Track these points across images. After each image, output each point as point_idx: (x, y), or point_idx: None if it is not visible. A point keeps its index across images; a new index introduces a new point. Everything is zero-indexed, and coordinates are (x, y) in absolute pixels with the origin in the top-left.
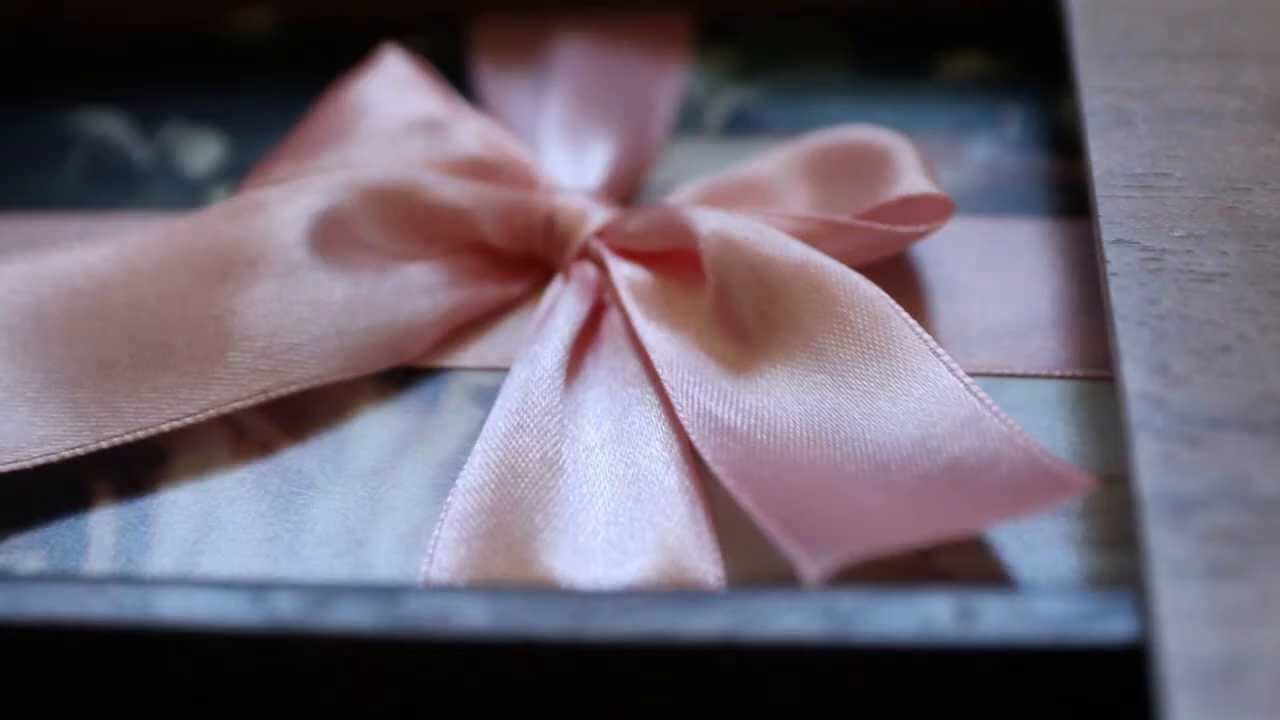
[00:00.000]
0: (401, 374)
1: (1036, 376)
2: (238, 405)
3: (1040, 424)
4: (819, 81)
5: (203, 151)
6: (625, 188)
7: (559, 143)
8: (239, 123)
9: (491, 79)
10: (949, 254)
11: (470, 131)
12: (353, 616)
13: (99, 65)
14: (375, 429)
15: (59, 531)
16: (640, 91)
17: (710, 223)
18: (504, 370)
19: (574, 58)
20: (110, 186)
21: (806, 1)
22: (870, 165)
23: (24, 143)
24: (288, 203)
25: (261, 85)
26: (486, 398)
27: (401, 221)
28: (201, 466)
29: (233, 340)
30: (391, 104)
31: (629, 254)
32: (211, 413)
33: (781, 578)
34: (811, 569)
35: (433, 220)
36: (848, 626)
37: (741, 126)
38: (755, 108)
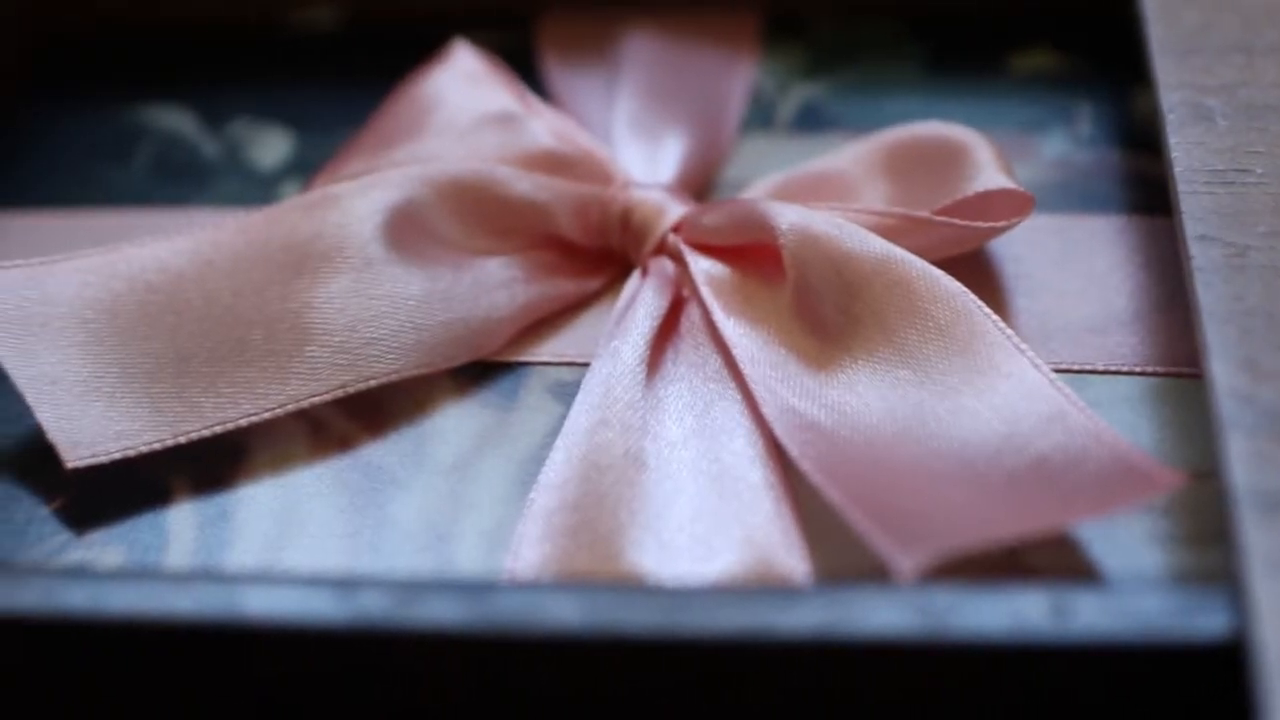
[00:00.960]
0: (478, 369)
1: (1117, 373)
2: (316, 400)
3: (1122, 420)
4: (888, 78)
5: (272, 146)
6: (698, 183)
7: (632, 138)
8: (306, 118)
9: (560, 75)
10: (1025, 250)
11: (543, 126)
12: (442, 613)
13: (162, 61)
14: (454, 424)
15: (137, 527)
16: (711, 87)
17: (790, 217)
18: (581, 365)
19: (644, 54)
20: (179, 181)
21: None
22: (947, 161)
23: (90, 137)
24: (363, 197)
25: (326, 81)
26: (565, 393)
27: (477, 216)
28: (280, 462)
29: (310, 335)
30: (464, 98)
31: (707, 249)
32: (290, 408)
33: (866, 574)
34: (905, 564)
35: (508, 214)
36: (941, 623)
37: (811, 122)
38: (825, 104)
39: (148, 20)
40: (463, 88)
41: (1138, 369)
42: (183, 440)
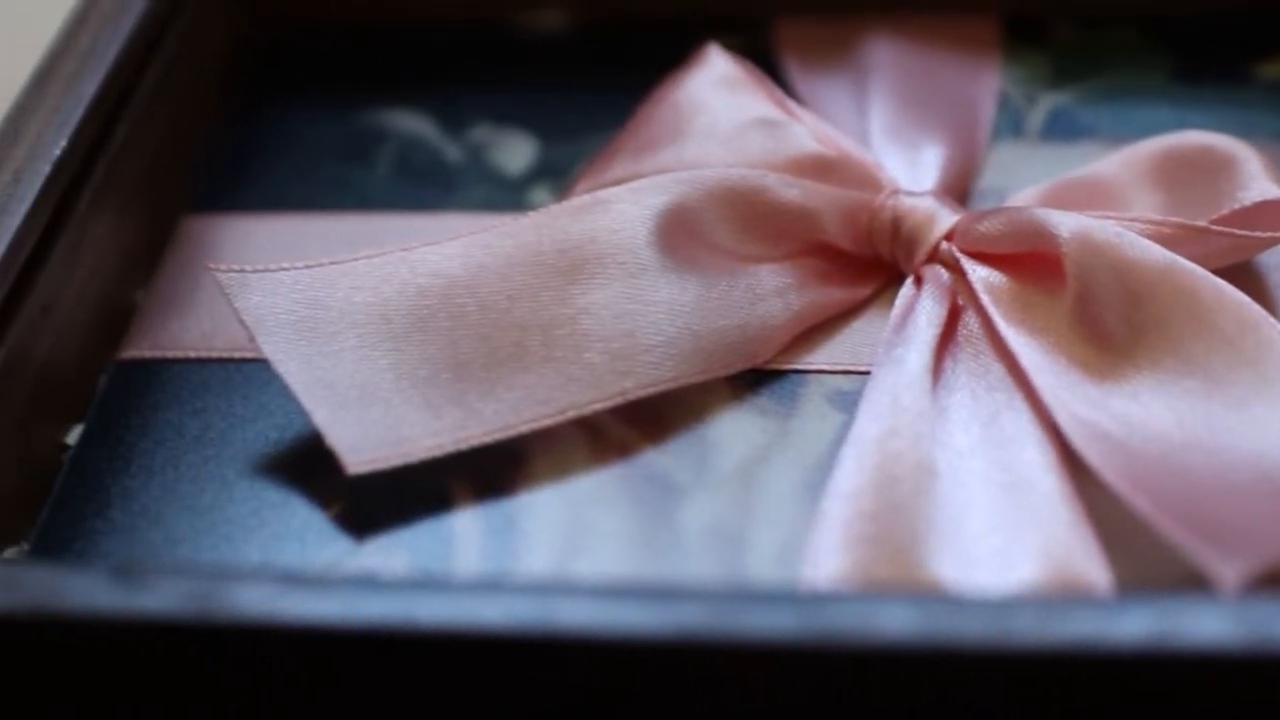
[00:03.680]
0: (753, 376)
1: None
2: (597, 407)
3: None
4: (1135, 86)
5: (517, 151)
6: (957, 191)
7: (890, 145)
8: (548, 123)
9: (804, 81)
10: None
11: (806, 130)
12: (769, 623)
13: (392, 63)
14: (734, 432)
15: (419, 534)
16: (961, 94)
17: (1071, 225)
18: (857, 373)
19: (890, 60)
20: (424, 186)
21: (1114, 6)
22: (1217, 171)
23: (329, 141)
24: (634, 202)
25: (563, 85)
26: (845, 401)
27: (748, 222)
28: (561, 469)
29: (588, 341)
30: (724, 102)
31: (983, 257)
32: (571, 414)
33: (1168, 583)
34: (1228, 575)
35: (778, 221)
36: (1268, 633)
37: (1063, 131)
38: (1074, 112)
39: (373, 22)
40: (721, 92)
41: None
42: (463, 446)
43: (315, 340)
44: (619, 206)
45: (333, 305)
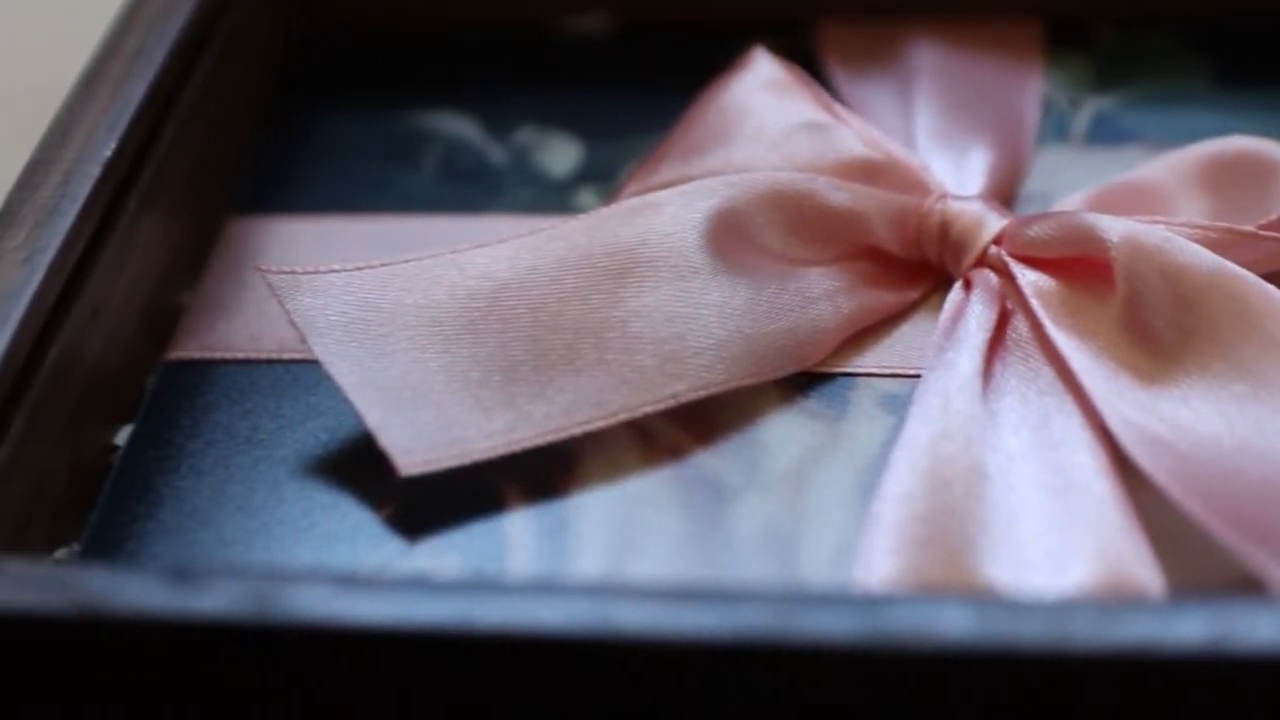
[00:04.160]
0: (803, 379)
1: None
2: (649, 409)
3: None
4: (1178, 90)
5: (562, 154)
6: (1004, 195)
7: (936, 149)
8: (592, 126)
9: (847, 84)
10: None
11: (854, 134)
12: (831, 626)
13: (434, 66)
14: (785, 434)
15: (471, 535)
16: (1006, 98)
17: (1120, 230)
18: (906, 377)
19: (934, 64)
20: (469, 188)
21: (1154, 8)
22: (1263, 175)
23: (373, 142)
24: (685, 205)
25: (606, 88)
26: (895, 404)
27: (797, 225)
28: (612, 471)
29: (640, 343)
30: (771, 106)
31: (1032, 261)
32: (623, 416)
33: (1219, 587)
34: None
35: (828, 224)
36: None
37: (1107, 135)
38: (1117, 116)
39: (416, 25)
40: (768, 95)
41: None
42: (515, 448)
43: (366, 342)
44: (670, 209)
45: (383, 307)
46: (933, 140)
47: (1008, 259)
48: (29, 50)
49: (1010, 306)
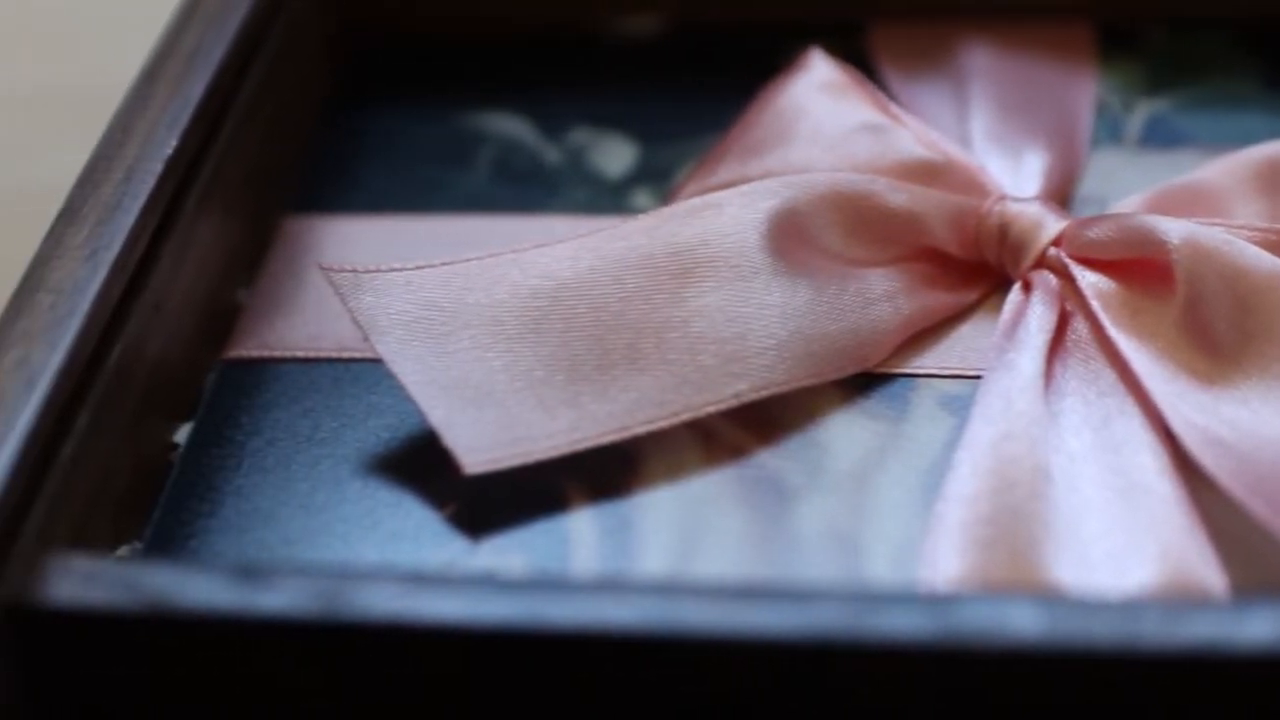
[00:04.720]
0: (863, 380)
1: None
2: (711, 409)
3: None
4: (1230, 93)
5: (616, 154)
6: (1060, 197)
7: (993, 151)
8: (645, 127)
9: (900, 86)
10: None
11: (911, 135)
12: (904, 625)
13: (485, 66)
14: (847, 435)
15: (535, 534)
16: (1060, 101)
17: (1180, 231)
18: (966, 378)
19: (988, 66)
20: (524, 188)
21: (1207, 12)
22: None
23: (427, 143)
24: (745, 205)
25: (659, 89)
26: (956, 405)
27: (856, 226)
28: (674, 470)
29: (702, 343)
30: (827, 107)
31: (1091, 263)
32: (685, 416)
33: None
34: None
35: (887, 225)
36: None
37: (1161, 137)
38: (1171, 119)
39: (468, 25)
40: (825, 96)
41: None
42: (578, 448)
43: (428, 341)
44: (730, 210)
45: (445, 306)
46: (988, 142)
47: (1067, 260)
48: (81, 48)
49: (1070, 308)
